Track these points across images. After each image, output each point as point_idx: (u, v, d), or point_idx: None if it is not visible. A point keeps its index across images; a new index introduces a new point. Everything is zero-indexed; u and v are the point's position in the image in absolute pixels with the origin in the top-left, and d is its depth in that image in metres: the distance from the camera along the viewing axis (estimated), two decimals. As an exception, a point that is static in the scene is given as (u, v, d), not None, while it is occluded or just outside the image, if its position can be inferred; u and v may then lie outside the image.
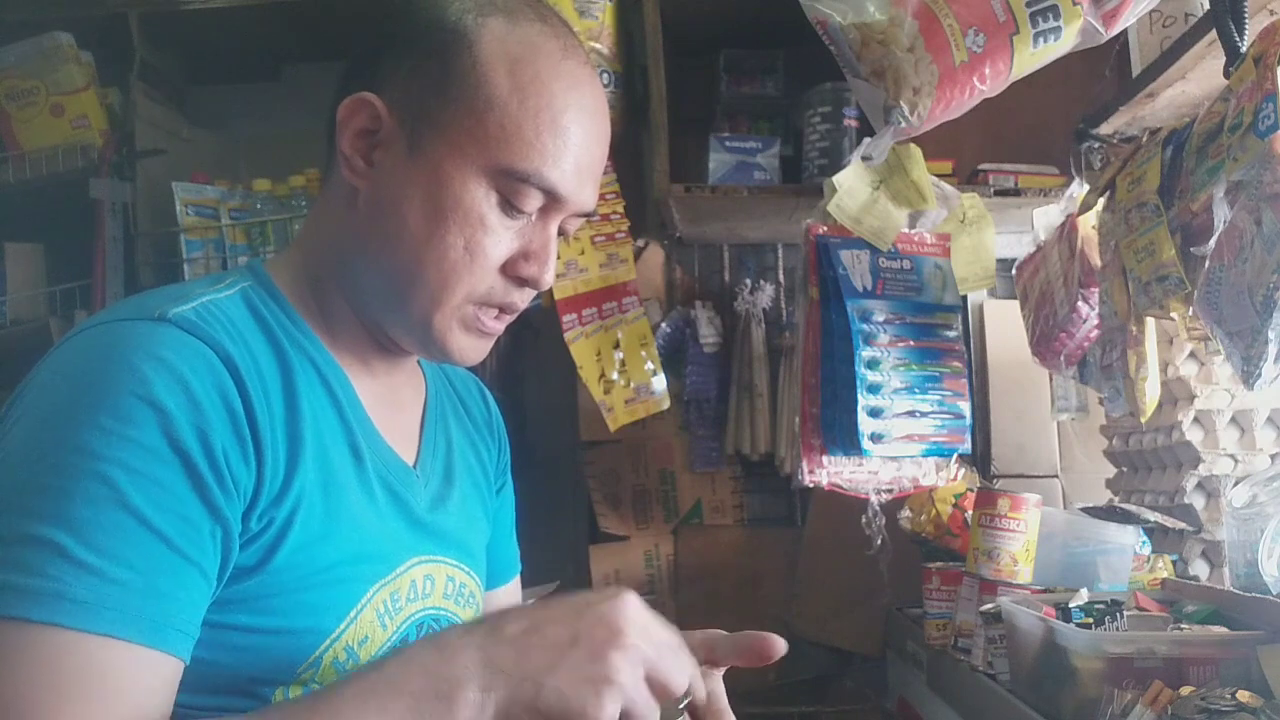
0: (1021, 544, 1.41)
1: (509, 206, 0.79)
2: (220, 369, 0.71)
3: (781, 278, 2.10)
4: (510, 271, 0.81)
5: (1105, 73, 1.69)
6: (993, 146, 1.86)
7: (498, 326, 0.84)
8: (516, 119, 0.78)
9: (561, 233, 0.85)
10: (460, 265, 0.79)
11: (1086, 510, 1.55)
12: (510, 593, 1.09)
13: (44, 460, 0.65)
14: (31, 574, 0.61)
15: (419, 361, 0.96)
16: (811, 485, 1.65)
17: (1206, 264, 1.15)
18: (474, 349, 0.84)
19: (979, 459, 2.00)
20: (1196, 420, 1.50)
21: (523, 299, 0.84)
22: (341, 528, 0.77)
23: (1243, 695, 0.98)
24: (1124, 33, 1.46)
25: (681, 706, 0.67)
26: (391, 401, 0.89)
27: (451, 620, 0.89)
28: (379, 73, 0.81)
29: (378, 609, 0.80)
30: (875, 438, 1.58)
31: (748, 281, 2.07)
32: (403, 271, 0.80)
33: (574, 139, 0.80)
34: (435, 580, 0.86)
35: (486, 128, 0.78)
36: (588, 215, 0.87)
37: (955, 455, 1.67)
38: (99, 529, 0.63)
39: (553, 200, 0.81)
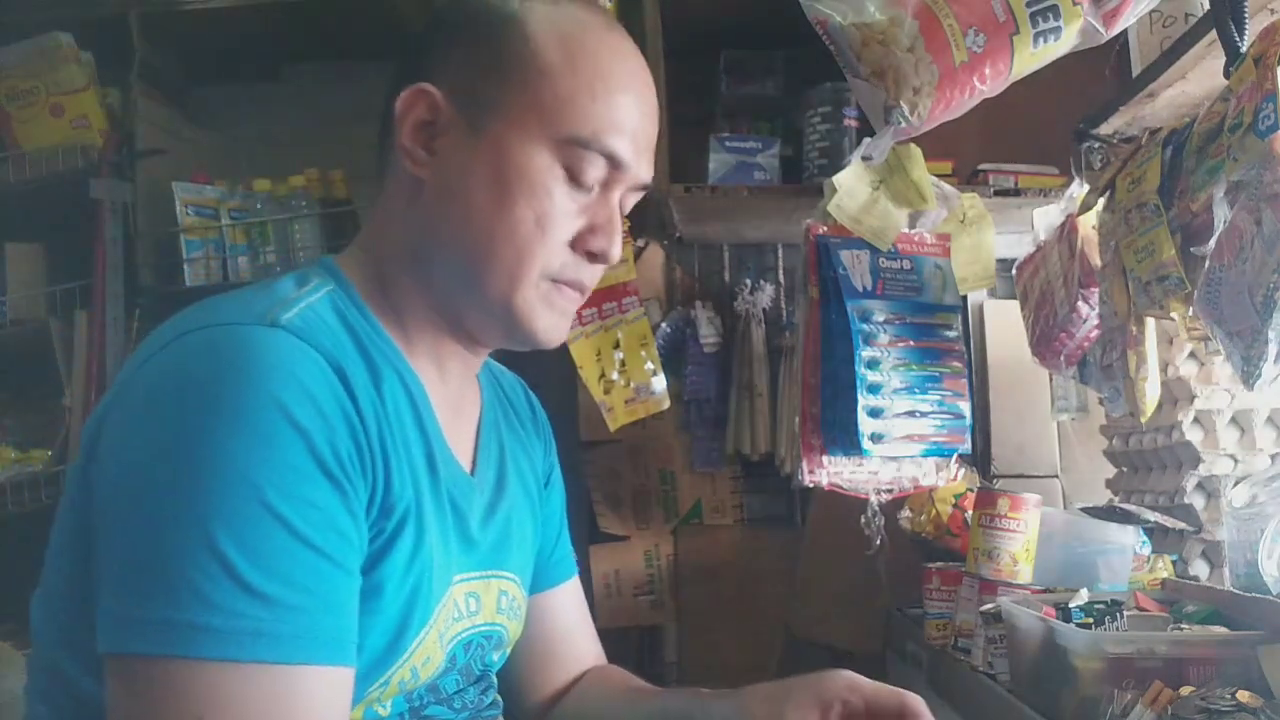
0: (1021, 544, 1.41)
1: (572, 177, 0.80)
2: (334, 379, 0.71)
3: (781, 278, 2.10)
4: (580, 247, 0.82)
5: (1105, 73, 1.69)
6: (993, 146, 1.86)
7: (573, 306, 0.85)
8: (572, 88, 0.79)
9: (621, 209, 0.86)
10: (533, 238, 0.79)
11: (1086, 510, 1.55)
12: (570, 592, 1.07)
13: (198, 484, 0.64)
14: (224, 613, 0.62)
15: None
16: (811, 485, 1.64)
17: (1206, 264, 1.15)
18: (556, 328, 0.84)
19: (979, 459, 2.00)
20: (1196, 420, 1.50)
21: (592, 277, 0.84)
22: (425, 543, 0.77)
23: (1243, 695, 0.98)
24: (1124, 33, 1.45)
25: None
26: (456, 408, 0.88)
27: (499, 636, 0.89)
28: (430, 65, 0.82)
29: (439, 628, 0.80)
30: (875, 438, 1.58)
31: (748, 281, 2.07)
32: (477, 252, 0.79)
33: (628, 105, 0.81)
34: (481, 597, 0.86)
35: (544, 100, 0.79)
36: (645, 188, 0.87)
37: (955, 455, 1.67)
38: (271, 556, 0.64)
39: (614, 168, 0.81)
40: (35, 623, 0.77)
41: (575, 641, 1.06)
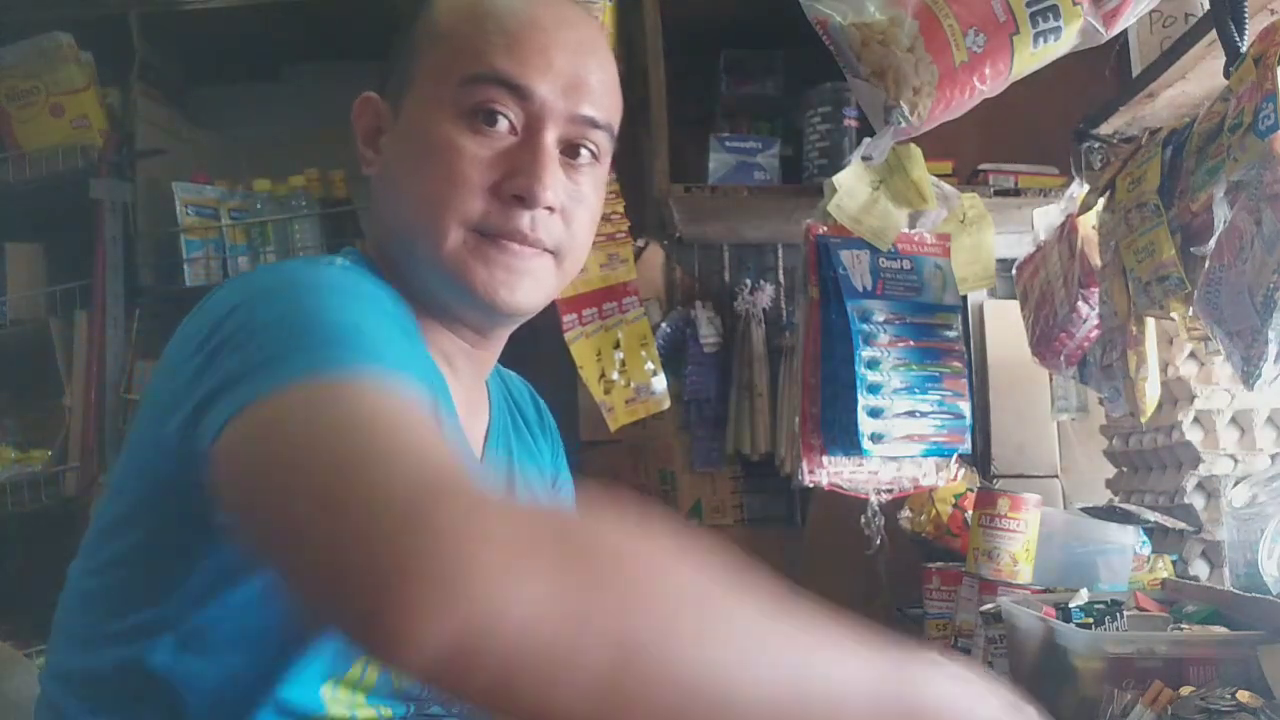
0: (1021, 544, 1.41)
1: (478, 121, 0.78)
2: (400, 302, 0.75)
3: (781, 278, 2.10)
4: (504, 192, 0.79)
5: (1105, 73, 1.69)
6: (993, 146, 1.86)
7: (525, 261, 0.80)
8: (464, 35, 0.80)
9: (574, 148, 0.82)
10: (443, 193, 0.78)
11: (1086, 510, 1.55)
12: None
13: (285, 307, 0.63)
14: (314, 350, 0.59)
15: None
16: (811, 485, 1.64)
17: (1206, 264, 1.15)
18: (506, 284, 0.80)
19: (979, 459, 2.00)
20: (1196, 420, 1.50)
21: (534, 224, 0.80)
22: None
23: (1243, 695, 0.98)
24: (1124, 33, 1.46)
25: None
26: (467, 407, 0.88)
27: None
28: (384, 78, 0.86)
29: None
30: (875, 438, 1.58)
31: (748, 281, 2.07)
32: (407, 225, 0.80)
33: (527, 31, 0.79)
34: None
35: (439, 57, 0.80)
36: (595, 124, 0.82)
37: (955, 455, 1.67)
38: (371, 329, 0.63)
39: (522, 98, 0.79)
40: (70, 595, 0.76)
41: None
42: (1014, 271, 1.87)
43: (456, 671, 0.46)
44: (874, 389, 1.59)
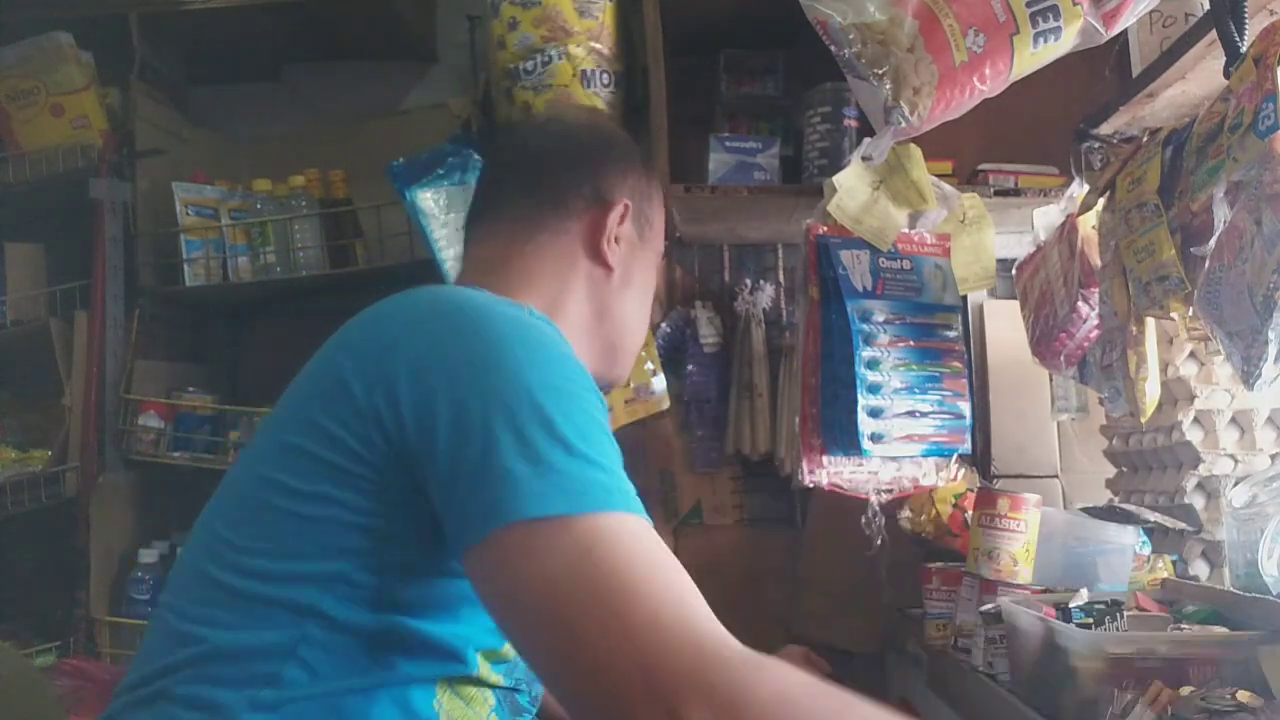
0: (1021, 544, 1.41)
1: None
2: None
3: (781, 278, 2.10)
4: None
5: (1105, 73, 1.69)
6: (993, 146, 1.86)
7: None
8: (660, 227, 1.13)
9: None
10: (643, 331, 1.11)
11: (1086, 510, 1.55)
12: None
13: (551, 394, 0.75)
14: (595, 485, 0.72)
15: None
16: (811, 485, 1.64)
17: (1206, 264, 1.15)
18: (619, 380, 1.13)
19: (979, 459, 2.00)
20: (1196, 420, 1.50)
21: None
22: None
23: (1243, 695, 0.98)
24: (1124, 33, 1.45)
25: None
26: None
27: None
28: (610, 180, 1.05)
29: None
30: (875, 438, 1.58)
31: (748, 281, 2.07)
32: (624, 336, 1.07)
33: None
34: None
35: (658, 234, 1.12)
36: None
37: (955, 455, 1.67)
38: (609, 450, 0.76)
39: None
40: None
41: None
42: (1014, 271, 1.87)
43: None
44: (874, 389, 1.59)
